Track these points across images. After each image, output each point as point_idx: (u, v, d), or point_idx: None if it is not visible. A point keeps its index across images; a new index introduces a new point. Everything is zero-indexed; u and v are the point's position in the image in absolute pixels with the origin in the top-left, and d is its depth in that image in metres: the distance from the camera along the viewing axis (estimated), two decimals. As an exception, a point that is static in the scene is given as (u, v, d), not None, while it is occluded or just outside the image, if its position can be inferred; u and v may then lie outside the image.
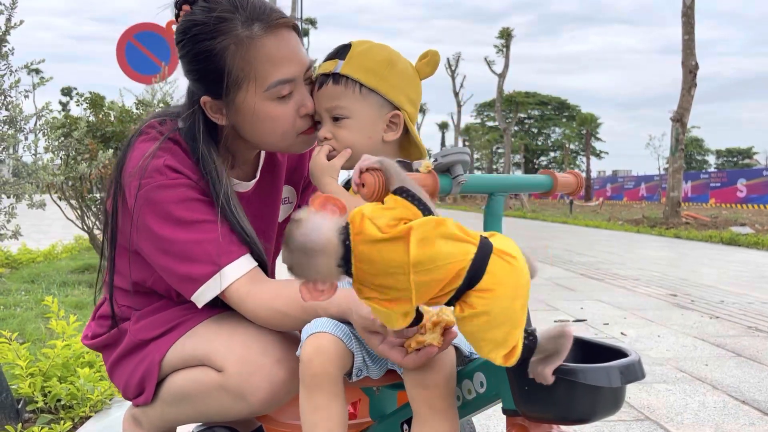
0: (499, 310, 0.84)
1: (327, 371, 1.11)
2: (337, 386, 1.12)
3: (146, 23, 6.84)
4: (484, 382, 1.08)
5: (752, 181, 26.37)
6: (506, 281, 0.85)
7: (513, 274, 0.86)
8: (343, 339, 1.14)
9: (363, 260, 0.84)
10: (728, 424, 2.32)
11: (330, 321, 1.17)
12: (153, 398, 1.35)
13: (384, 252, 0.83)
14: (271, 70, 1.23)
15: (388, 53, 1.25)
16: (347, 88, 1.21)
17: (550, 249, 9.07)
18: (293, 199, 1.57)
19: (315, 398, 1.11)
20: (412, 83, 1.26)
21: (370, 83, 1.21)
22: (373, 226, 0.84)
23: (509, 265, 0.86)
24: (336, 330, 1.15)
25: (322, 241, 0.84)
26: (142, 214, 1.25)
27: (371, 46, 1.25)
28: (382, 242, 0.83)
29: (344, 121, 1.23)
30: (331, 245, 0.84)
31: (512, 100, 33.00)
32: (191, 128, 1.30)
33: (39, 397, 2.30)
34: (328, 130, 1.24)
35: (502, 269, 0.85)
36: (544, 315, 4.25)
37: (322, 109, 1.24)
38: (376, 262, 0.83)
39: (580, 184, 1.25)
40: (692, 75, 13.50)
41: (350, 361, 1.15)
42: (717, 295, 5.17)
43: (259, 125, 1.27)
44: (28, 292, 4.71)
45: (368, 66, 1.21)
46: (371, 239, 0.83)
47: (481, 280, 0.84)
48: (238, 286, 1.23)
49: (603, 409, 0.93)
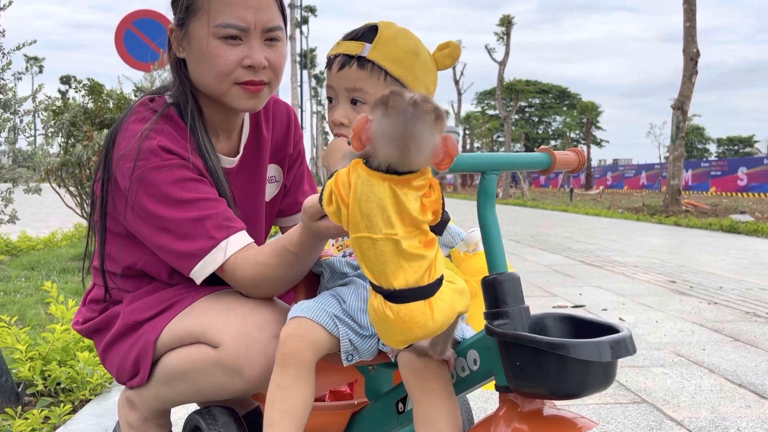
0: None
1: (298, 353, 1.14)
2: (305, 369, 1.14)
3: (145, 10, 6.81)
4: (477, 359, 1.08)
5: (753, 169, 26.34)
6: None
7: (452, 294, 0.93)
8: (325, 325, 1.16)
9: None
10: (724, 406, 2.33)
11: (314, 305, 1.19)
12: (148, 379, 1.35)
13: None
14: (224, 10, 1.26)
15: (414, 42, 1.22)
16: (372, 74, 1.18)
17: (550, 236, 9.08)
18: (279, 178, 1.57)
19: (281, 376, 1.14)
20: (431, 74, 1.24)
21: (396, 73, 1.19)
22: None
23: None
24: (318, 315, 1.17)
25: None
26: (138, 195, 1.25)
27: (397, 31, 1.22)
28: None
29: (364, 106, 1.20)
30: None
31: (513, 88, 32.85)
32: (178, 91, 1.34)
33: (39, 381, 2.31)
34: (344, 113, 1.22)
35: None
36: (543, 301, 4.26)
37: (341, 89, 1.21)
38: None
39: (582, 161, 1.21)
40: (693, 62, 13.44)
41: (329, 346, 1.17)
42: (716, 281, 5.18)
43: (202, 62, 1.30)
44: (28, 278, 4.72)
45: (396, 54, 1.19)
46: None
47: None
48: (234, 258, 1.24)
49: (594, 384, 0.94)
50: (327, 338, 1.16)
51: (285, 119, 1.57)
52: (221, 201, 1.28)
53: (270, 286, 1.27)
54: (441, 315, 0.90)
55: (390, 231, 0.85)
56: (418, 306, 0.88)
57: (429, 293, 0.88)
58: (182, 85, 1.35)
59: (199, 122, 1.34)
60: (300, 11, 40.98)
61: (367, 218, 0.86)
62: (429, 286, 0.88)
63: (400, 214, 0.85)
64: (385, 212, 0.85)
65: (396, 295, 0.88)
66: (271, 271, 1.23)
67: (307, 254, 1.19)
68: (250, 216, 1.45)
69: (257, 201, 1.50)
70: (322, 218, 1.08)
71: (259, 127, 1.49)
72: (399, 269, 0.87)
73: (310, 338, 1.15)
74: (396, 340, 0.93)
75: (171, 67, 1.39)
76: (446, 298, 0.90)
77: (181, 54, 1.35)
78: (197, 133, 1.32)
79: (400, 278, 0.87)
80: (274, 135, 1.54)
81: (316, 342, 1.15)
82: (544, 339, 0.92)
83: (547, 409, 1.02)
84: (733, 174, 27.21)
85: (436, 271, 0.89)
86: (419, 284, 0.88)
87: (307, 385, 1.14)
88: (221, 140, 1.42)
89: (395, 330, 0.90)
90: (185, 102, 1.34)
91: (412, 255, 0.87)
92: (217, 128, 1.41)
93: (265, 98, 1.35)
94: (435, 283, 0.89)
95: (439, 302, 0.89)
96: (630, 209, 15.21)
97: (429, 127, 0.82)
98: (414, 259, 0.87)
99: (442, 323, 0.91)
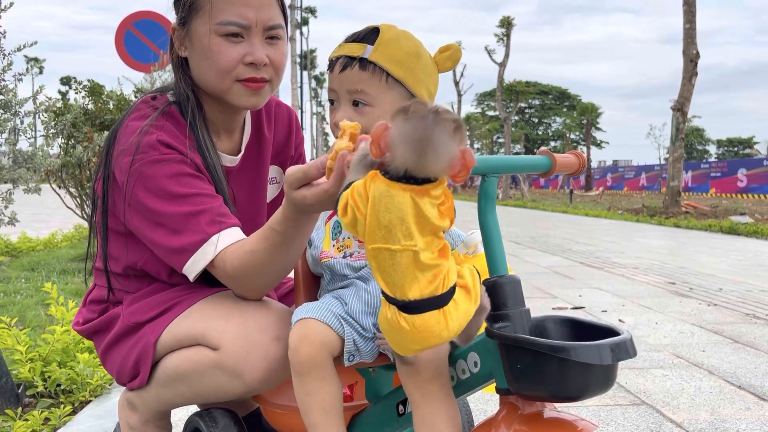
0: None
1: (313, 357, 1.14)
2: (325, 369, 1.15)
3: (145, 11, 6.81)
4: (478, 362, 1.08)
5: (753, 170, 26.33)
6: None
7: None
8: (331, 324, 1.16)
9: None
10: (724, 408, 2.33)
11: (318, 306, 1.19)
12: (148, 381, 1.35)
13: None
14: (226, 8, 1.27)
15: (415, 44, 1.23)
16: (374, 76, 1.19)
17: (550, 238, 9.07)
18: (280, 179, 1.57)
19: (306, 384, 1.15)
20: (432, 76, 1.24)
21: (398, 74, 1.19)
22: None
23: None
24: (324, 315, 1.16)
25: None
26: (135, 189, 1.25)
27: (399, 33, 1.23)
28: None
29: (366, 108, 1.21)
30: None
31: (513, 89, 32.82)
32: (180, 90, 1.35)
33: (39, 382, 2.31)
34: (346, 115, 1.22)
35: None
36: (543, 302, 4.26)
37: (343, 91, 1.22)
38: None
39: (582, 164, 1.21)
40: (693, 64, 13.45)
41: (339, 344, 1.17)
42: (715, 283, 5.18)
43: (204, 60, 1.31)
44: (28, 279, 4.72)
45: (397, 56, 1.19)
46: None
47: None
48: (223, 253, 1.22)
49: (594, 386, 0.94)
50: (335, 338, 1.16)
51: (286, 121, 1.58)
52: (217, 197, 1.28)
53: (258, 276, 1.24)
54: (455, 323, 0.90)
55: (409, 242, 0.85)
56: (433, 316, 0.88)
57: (443, 302, 0.88)
58: (184, 84, 1.36)
59: (199, 119, 1.35)
60: (300, 12, 41.01)
61: (385, 229, 0.85)
62: (443, 295, 0.88)
63: (420, 225, 0.85)
64: (404, 223, 0.85)
65: (411, 306, 0.87)
66: (258, 258, 1.20)
67: (293, 232, 1.16)
68: (251, 216, 1.45)
69: (259, 201, 1.51)
70: (300, 188, 1.07)
71: (261, 127, 1.50)
72: (414, 281, 0.87)
73: (320, 340, 1.15)
74: (410, 349, 0.94)
75: (173, 66, 1.40)
76: (461, 306, 0.91)
77: (183, 53, 1.36)
78: (197, 130, 1.33)
79: (415, 289, 0.87)
80: (276, 137, 1.54)
81: (326, 342, 1.15)
82: (544, 342, 0.93)
83: (547, 412, 1.02)
84: (733, 175, 27.21)
85: (450, 280, 0.89)
86: (434, 294, 0.87)
87: (333, 381, 1.15)
88: (222, 139, 1.43)
89: (410, 340, 0.90)
90: (186, 100, 1.35)
91: (428, 266, 0.86)
92: (218, 127, 1.41)
93: (266, 96, 1.35)
94: (449, 292, 0.89)
95: (453, 311, 0.90)
96: (630, 210, 15.21)
97: (448, 135, 0.83)
98: (429, 269, 0.87)
99: (457, 330, 0.91)
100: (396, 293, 0.88)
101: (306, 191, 1.06)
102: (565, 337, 1.04)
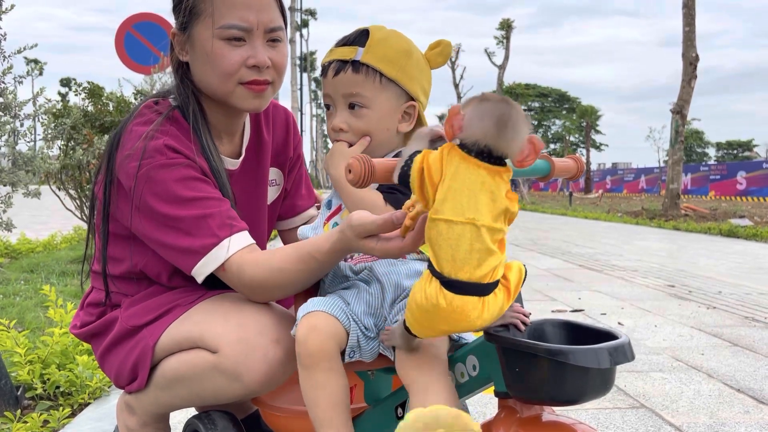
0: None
1: (322, 349, 1.12)
2: (333, 362, 1.13)
3: (145, 13, 6.82)
4: (476, 365, 1.09)
5: (752, 173, 26.34)
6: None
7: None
8: (338, 317, 1.15)
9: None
10: (723, 411, 2.33)
11: (325, 300, 1.18)
12: (146, 384, 1.35)
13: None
14: (227, 12, 1.28)
15: (406, 42, 1.24)
16: (368, 77, 1.20)
17: (549, 240, 9.08)
18: (280, 181, 1.58)
19: (314, 377, 1.13)
20: (424, 73, 1.25)
21: (390, 74, 1.20)
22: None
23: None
24: (331, 308, 1.16)
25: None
26: (143, 193, 1.26)
27: (389, 33, 1.23)
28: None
29: (362, 110, 1.22)
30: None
31: (512, 92, 32.93)
32: (181, 94, 1.35)
33: (38, 384, 2.31)
34: (343, 119, 1.23)
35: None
36: (542, 305, 4.26)
37: (338, 95, 1.23)
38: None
39: (581, 168, 1.22)
40: (692, 67, 13.46)
41: (345, 338, 1.16)
42: (715, 286, 5.18)
43: (206, 64, 1.31)
44: (28, 281, 4.72)
45: (389, 56, 1.20)
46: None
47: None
48: (237, 258, 1.23)
49: (592, 390, 0.94)
50: (342, 331, 1.15)
51: (284, 123, 1.58)
52: (225, 201, 1.29)
53: (279, 291, 1.25)
54: (489, 315, 0.91)
55: (472, 216, 0.86)
56: (472, 301, 0.88)
57: (486, 292, 0.89)
58: (185, 88, 1.36)
59: (202, 124, 1.35)
60: (300, 14, 41.03)
61: (452, 201, 0.87)
62: (489, 285, 0.89)
63: (488, 203, 0.87)
64: (474, 197, 0.86)
65: (455, 285, 0.88)
66: (286, 277, 1.21)
67: (331, 264, 1.18)
68: (252, 218, 1.46)
69: (259, 203, 1.51)
70: (368, 237, 1.06)
71: (260, 130, 1.50)
72: (468, 261, 0.87)
73: (328, 330, 1.13)
74: (435, 329, 0.94)
75: (173, 71, 1.40)
76: (498, 301, 0.91)
77: (184, 57, 1.36)
78: (201, 134, 1.33)
79: (467, 269, 0.87)
80: (275, 138, 1.55)
81: (334, 334, 1.13)
82: (543, 345, 0.93)
83: (545, 415, 1.02)
84: (732, 178, 27.21)
85: (498, 273, 0.90)
86: (481, 281, 0.88)
87: (341, 376, 1.14)
88: (224, 142, 1.43)
89: (440, 319, 0.90)
90: (187, 104, 1.35)
91: (486, 249, 0.87)
92: (219, 130, 1.42)
93: (268, 98, 1.36)
94: (493, 284, 0.90)
95: (491, 303, 0.90)
96: (629, 213, 15.22)
97: (523, 116, 0.86)
98: (486, 253, 0.87)
99: (488, 322, 0.92)
100: (444, 268, 0.88)
101: (375, 243, 1.06)
102: (563, 341, 1.04)
